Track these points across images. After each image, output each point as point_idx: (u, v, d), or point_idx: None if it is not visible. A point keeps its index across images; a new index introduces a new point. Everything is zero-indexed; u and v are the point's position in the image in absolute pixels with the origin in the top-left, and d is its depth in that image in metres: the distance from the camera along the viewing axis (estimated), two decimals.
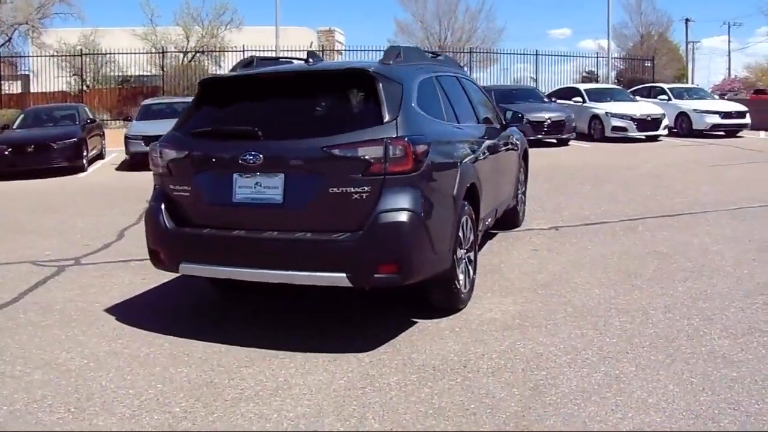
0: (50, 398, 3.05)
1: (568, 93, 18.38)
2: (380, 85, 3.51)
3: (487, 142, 4.83)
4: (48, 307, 4.46)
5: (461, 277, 3.96)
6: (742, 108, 17.19)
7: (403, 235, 3.30)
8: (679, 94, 18.50)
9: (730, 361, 3.19)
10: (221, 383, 3.17)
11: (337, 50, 34.10)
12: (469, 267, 4.14)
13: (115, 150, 15.35)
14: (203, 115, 3.85)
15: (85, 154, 12.46)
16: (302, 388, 3.09)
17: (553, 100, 17.56)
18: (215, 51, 27.31)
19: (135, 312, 4.32)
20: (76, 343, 3.77)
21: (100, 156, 14.28)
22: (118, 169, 13.22)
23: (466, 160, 4.10)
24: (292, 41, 25.02)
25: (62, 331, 3.96)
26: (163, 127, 12.88)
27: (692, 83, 31.32)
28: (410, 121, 3.46)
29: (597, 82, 26.03)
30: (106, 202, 8.98)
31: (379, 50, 26.03)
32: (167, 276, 5.12)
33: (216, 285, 4.56)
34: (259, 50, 25.14)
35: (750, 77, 36.93)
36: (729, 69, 43.58)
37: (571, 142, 15.78)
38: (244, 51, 25.33)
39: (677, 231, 6.11)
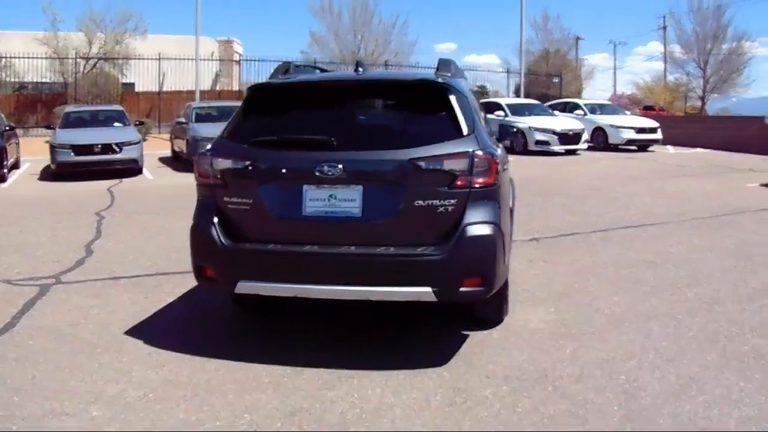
0: None
1: (490, 107, 19.11)
2: (453, 96, 3.53)
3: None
4: (56, 331, 4.03)
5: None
6: (654, 124, 18.65)
7: (489, 248, 3.32)
8: (593, 110, 19.79)
9: None
10: (313, 408, 3.02)
11: (235, 60, 33.52)
12: None
13: (29, 159, 14.14)
14: (258, 122, 3.66)
15: (5, 163, 11.32)
16: (403, 407, 3.02)
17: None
18: (122, 58, 25.76)
19: (161, 334, 4.00)
20: (116, 371, 3.43)
21: (15, 165, 13.02)
22: (40, 179, 12.12)
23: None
24: (193, 50, 24.68)
25: (91, 359, 3.59)
26: (93, 135, 12.50)
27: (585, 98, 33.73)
28: (482, 133, 3.51)
29: (488, 96, 27.00)
30: (49, 215, 8.20)
31: (277, 61, 25.96)
32: (170, 294, 4.84)
33: (240, 304, 4.33)
34: (175, 59, 24.32)
35: (637, 94, 40.06)
36: (615, 86, 47.42)
37: None
38: (160, 59, 24.31)
39: (650, 241, 6.58)
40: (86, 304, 4.61)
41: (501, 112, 17.98)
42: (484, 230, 3.30)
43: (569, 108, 20.17)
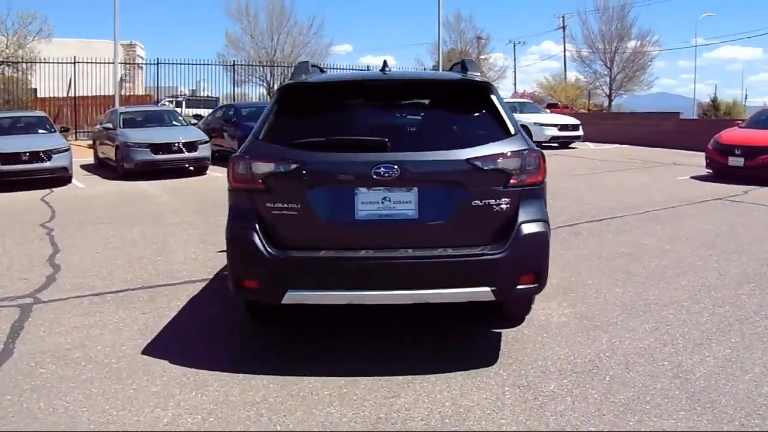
0: None
1: None
2: (494, 96, 3.54)
3: None
4: (63, 356, 3.67)
5: None
6: (576, 121, 19.61)
7: (543, 245, 3.37)
8: (514, 108, 20.35)
9: None
10: (393, 417, 2.94)
11: (138, 64, 32.14)
12: None
13: None
14: (296, 123, 3.50)
15: None
16: (480, 408, 3.01)
17: None
18: (32, 62, 23.79)
19: (182, 352, 3.73)
20: (157, 396, 3.17)
21: None
22: None
23: None
24: (101, 53, 24.01)
25: (122, 385, 3.29)
26: (19, 143, 11.47)
27: None
28: (523, 133, 3.55)
29: None
30: None
31: (193, 64, 25.31)
32: (169, 308, 4.56)
33: (254, 315, 4.14)
34: (92, 62, 23.00)
35: (538, 92, 41.75)
36: (515, 84, 49.48)
37: None
38: (75, 63, 22.77)
39: (618, 234, 6.93)
40: (81, 323, 4.23)
41: None
42: (538, 228, 3.35)
43: None
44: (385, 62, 3.94)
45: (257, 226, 3.34)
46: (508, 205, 3.32)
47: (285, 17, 33.71)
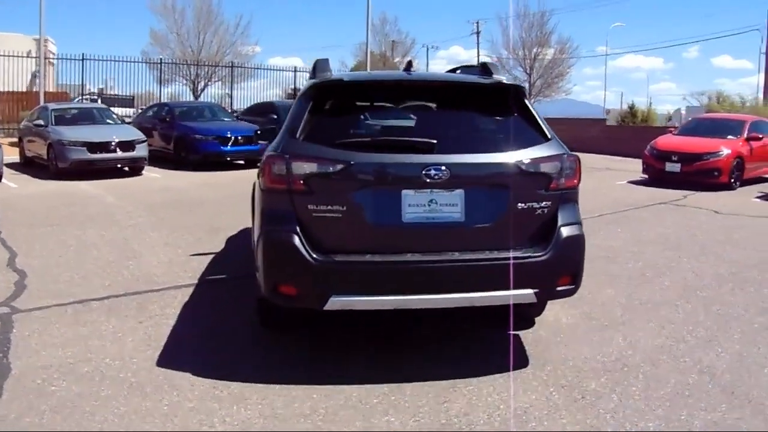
0: None
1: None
2: (527, 101, 3.59)
3: None
4: (70, 371, 3.35)
5: None
6: None
7: (581, 247, 3.44)
8: None
9: None
10: (454, 422, 2.92)
11: (49, 59, 30.28)
12: None
13: None
14: (334, 122, 3.39)
15: None
16: (538, 409, 3.03)
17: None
18: None
19: (200, 362, 3.51)
20: (197, 412, 2.97)
21: None
22: None
23: None
24: (12, 46, 22.54)
25: (150, 401, 3.05)
26: None
27: None
28: (557, 137, 3.61)
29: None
30: None
31: (114, 60, 23.97)
32: (164, 315, 4.32)
33: (266, 322, 3.98)
34: (12, 56, 21.35)
35: None
36: None
37: None
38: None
39: (587, 237, 7.19)
40: (75, 334, 3.89)
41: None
42: (576, 231, 3.42)
43: None
44: (410, 62, 3.90)
45: (298, 229, 3.20)
46: (549, 208, 3.37)
47: (212, 15, 32.75)
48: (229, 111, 17.72)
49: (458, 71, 4.33)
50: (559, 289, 3.39)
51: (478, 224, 3.28)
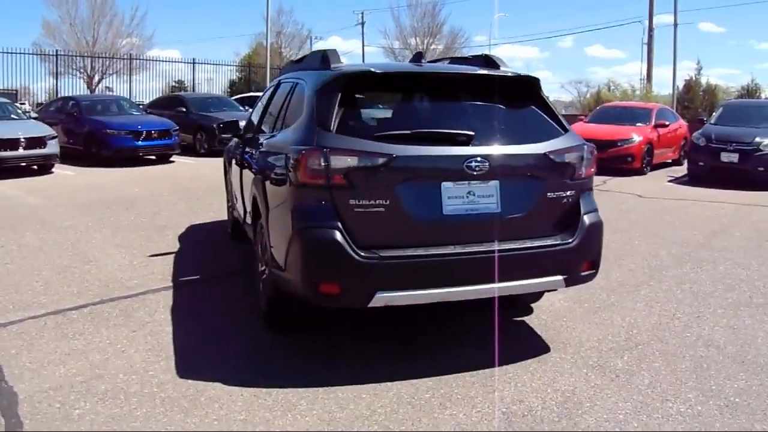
0: None
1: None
2: (542, 93, 3.68)
3: None
4: (85, 390, 3.05)
5: None
6: None
7: (601, 234, 3.58)
8: None
9: None
10: (513, 409, 2.96)
11: None
12: None
13: None
14: (367, 114, 3.29)
15: None
16: (584, 390, 3.14)
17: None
18: None
19: (225, 371, 3.31)
20: (250, 424, 2.81)
21: None
22: None
23: None
24: None
25: (195, 417, 2.85)
26: None
27: None
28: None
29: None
30: None
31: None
32: (157, 322, 4.08)
33: (272, 327, 3.83)
34: None
35: None
36: None
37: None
38: None
39: None
40: (70, 349, 3.54)
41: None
42: (596, 218, 3.56)
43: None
44: (420, 54, 3.86)
45: (340, 225, 3.09)
46: (573, 197, 3.49)
47: (107, 6, 30.66)
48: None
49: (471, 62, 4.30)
50: (582, 274, 3.53)
51: (512, 215, 3.34)
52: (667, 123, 13.33)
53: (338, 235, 3.08)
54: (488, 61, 4.05)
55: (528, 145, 3.40)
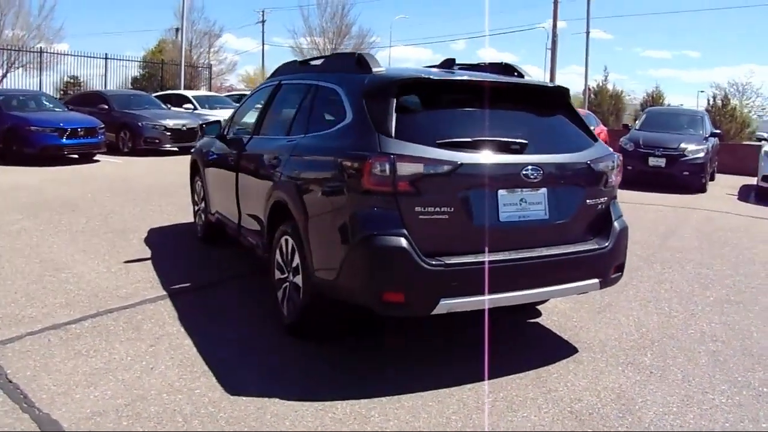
0: None
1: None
2: (570, 102, 3.82)
3: None
4: (134, 414, 2.83)
5: None
6: None
7: (627, 238, 3.76)
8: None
9: None
10: (575, 408, 3.06)
11: None
12: None
13: None
14: (425, 120, 3.27)
15: None
16: (631, 387, 3.30)
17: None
18: None
19: (275, 383, 3.18)
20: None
21: None
22: None
23: None
24: None
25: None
26: None
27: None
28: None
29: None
30: None
31: None
32: (172, 335, 3.86)
33: (297, 335, 3.73)
34: None
35: (238, 87, 40.14)
36: (210, 79, 46.94)
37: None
38: None
39: None
40: (91, 368, 3.26)
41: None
42: (624, 223, 3.75)
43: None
44: (451, 60, 3.88)
45: (406, 233, 3.05)
46: (605, 203, 3.66)
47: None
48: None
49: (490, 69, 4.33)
50: (612, 276, 3.70)
51: (558, 221, 3.45)
52: (592, 127, 14.11)
53: (405, 243, 3.05)
54: (508, 69, 4.14)
55: (572, 154, 3.52)
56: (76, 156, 12.61)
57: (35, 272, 4.86)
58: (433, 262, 3.08)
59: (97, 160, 12.82)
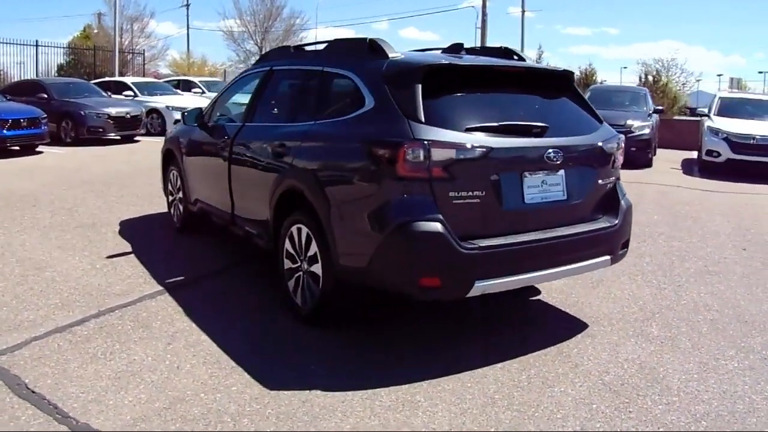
0: None
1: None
2: (575, 86, 3.91)
3: None
4: (181, 418, 2.74)
5: None
6: None
7: (632, 216, 3.91)
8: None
9: None
10: (607, 381, 3.18)
11: None
12: None
13: None
14: (449, 106, 3.28)
15: None
16: (663, 363, 3.42)
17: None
18: None
19: (314, 376, 3.15)
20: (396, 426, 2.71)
21: None
22: None
23: None
24: None
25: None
26: None
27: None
28: None
29: None
30: None
31: None
32: (186, 333, 3.74)
33: (313, 322, 3.70)
34: None
35: (170, 72, 38.07)
36: (144, 64, 44.64)
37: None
38: None
39: None
40: (113, 371, 3.13)
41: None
42: (629, 202, 3.90)
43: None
44: (459, 45, 3.89)
45: (442, 218, 3.07)
46: (612, 183, 3.80)
47: None
48: None
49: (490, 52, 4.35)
50: (620, 253, 3.85)
51: (574, 201, 3.56)
52: None
53: (441, 228, 3.07)
54: (507, 53, 4.19)
55: (586, 136, 3.63)
56: (17, 148, 11.86)
57: (16, 273, 4.57)
58: (468, 246, 3.12)
59: (40, 152, 12.09)
